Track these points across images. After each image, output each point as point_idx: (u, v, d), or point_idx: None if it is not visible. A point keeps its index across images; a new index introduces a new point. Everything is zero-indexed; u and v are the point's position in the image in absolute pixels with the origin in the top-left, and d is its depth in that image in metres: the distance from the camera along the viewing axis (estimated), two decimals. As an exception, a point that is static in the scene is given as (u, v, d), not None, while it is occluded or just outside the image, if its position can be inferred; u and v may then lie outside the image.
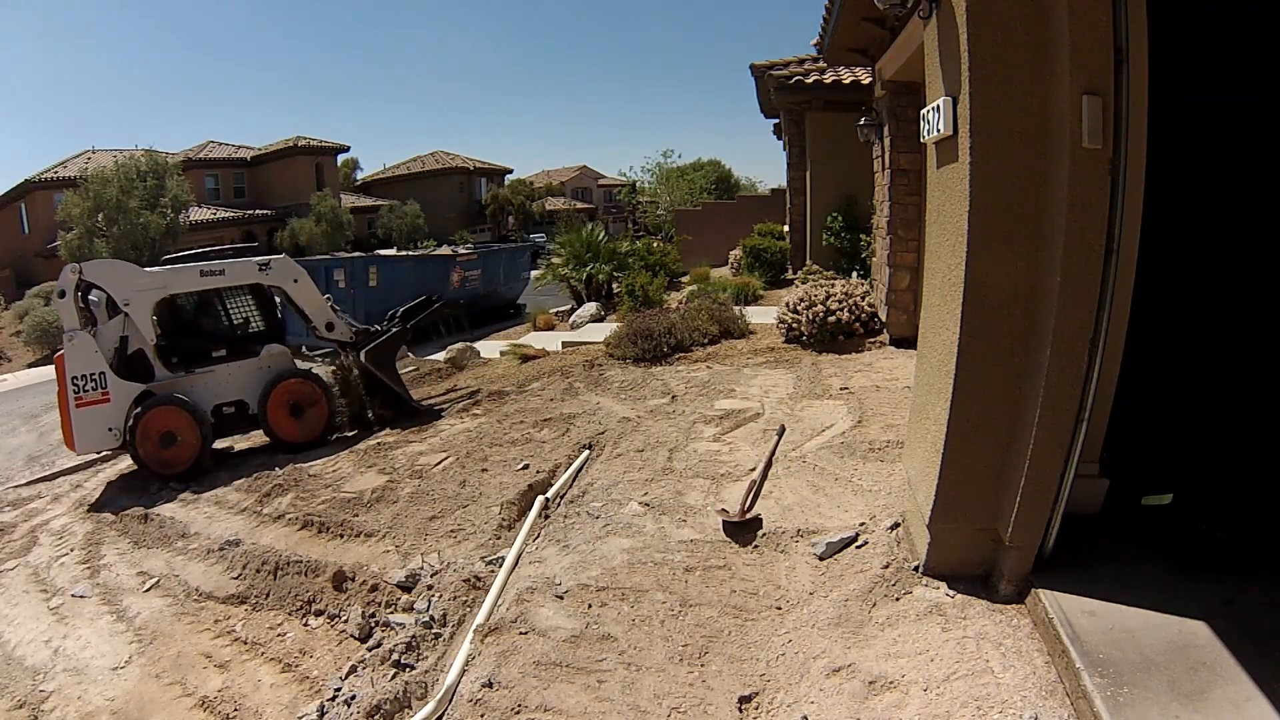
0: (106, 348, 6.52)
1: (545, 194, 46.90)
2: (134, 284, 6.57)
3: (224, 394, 6.97)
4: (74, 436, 6.43)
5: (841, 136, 9.76)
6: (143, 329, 6.59)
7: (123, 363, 6.58)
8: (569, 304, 14.25)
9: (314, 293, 7.39)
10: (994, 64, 2.62)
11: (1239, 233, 3.56)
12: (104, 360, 6.45)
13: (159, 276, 6.75)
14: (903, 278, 7.01)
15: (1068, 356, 2.67)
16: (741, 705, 2.82)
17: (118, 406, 6.44)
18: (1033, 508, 2.82)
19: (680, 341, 8.07)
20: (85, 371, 6.38)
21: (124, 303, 6.49)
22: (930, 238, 3.33)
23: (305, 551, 4.74)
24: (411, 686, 3.26)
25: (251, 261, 7.11)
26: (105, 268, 6.79)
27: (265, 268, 7.11)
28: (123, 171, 23.01)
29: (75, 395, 6.34)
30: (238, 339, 7.25)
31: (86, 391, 6.37)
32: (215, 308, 7.23)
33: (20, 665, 4.11)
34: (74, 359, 6.38)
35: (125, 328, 6.57)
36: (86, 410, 6.38)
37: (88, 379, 6.38)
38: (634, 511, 4.34)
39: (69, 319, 6.44)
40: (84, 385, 6.37)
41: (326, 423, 7.18)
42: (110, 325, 6.56)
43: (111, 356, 6.52)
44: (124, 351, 6.59)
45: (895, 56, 6.44)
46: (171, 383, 6.74)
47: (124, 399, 6.47)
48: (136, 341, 6.63)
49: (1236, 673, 2.31)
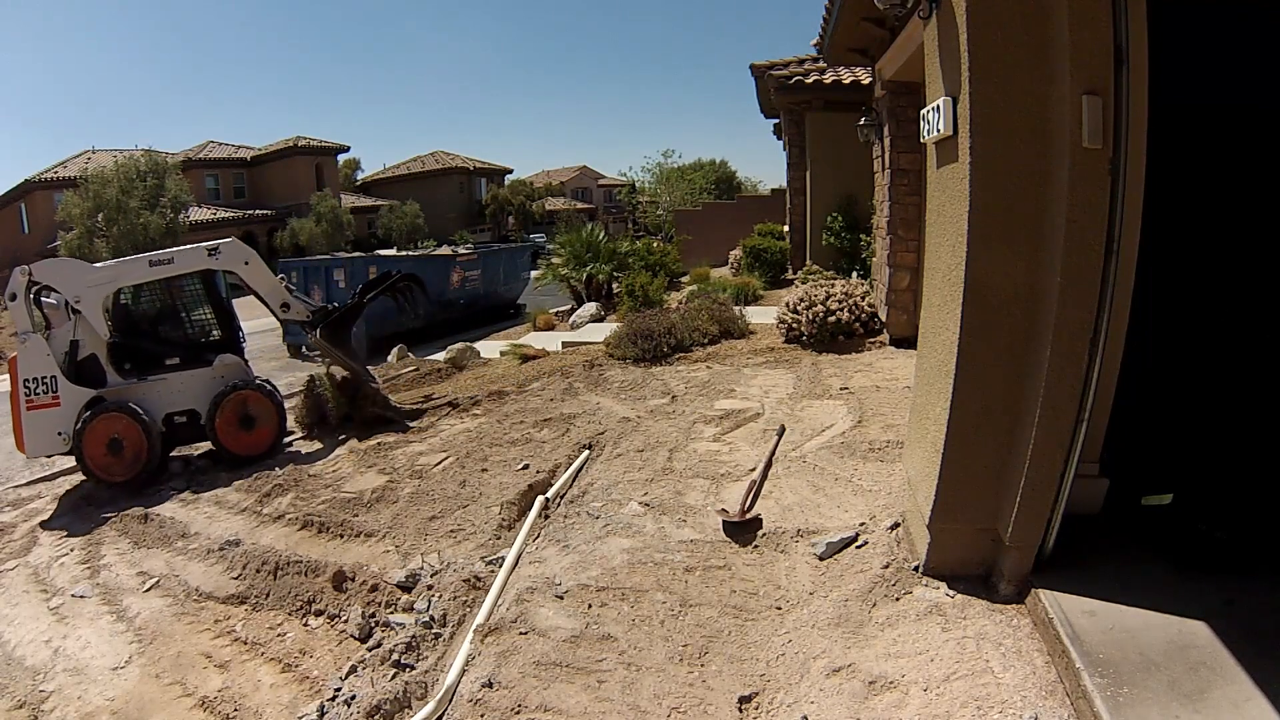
0: (59, 351, 6.40)
1: (545, 194, 46.93)
2: (84, 280, 6.44)
3: (176, 402, 6.83)
4: (24, 440, 6.34)
5: (841, 136, 9.76)
6: (96, 326, 6.46)
7: (73, 367, 6.45)
8: (569, 304, 14.25)
9: (266, 274, 7.17)
10: (994, 64, 2.62)
11: (1239, 233, 3.56)
12: (55, 364, 6.34)
13: (108, 271, 6.63)
14: (903, 278, 7.01)
15: (1068, 356, 2.67)
16: (741, 705, 2.82)
17: (68, 411, 6.32)
18: (1033, 508, 2.82)
19: (680, 341, 8.07)
20: (37, 375, 6.27)
21: (75, 300, 6.35)
22: (930, 238, 3.33)
23: (305, 551, 4.74)
24: (411, 686, 3.26)
25: (200, 247, 6.91)
26: (55, 267, 6.68)
27: (215, 253, 6.87)
28: (123, 171, 23.05)
29: (26, 398, 6.24)
30: (192, 347, 7.09)
31: (37, 395, 6.27)
32: (169, 314, 7.07)
33: (20, 665, 4.11)
34: (26, 362, 6.27)
35: (76, 331, 6.44)
36: (37, 414, 6.28)
37: (39, 382, 6.28)
38: (634, 511, 4.34)
39: (21, 321, 6.33)
40: (35, 388, 6.26)
41: (276, 436, 6.99)
42: (64, 329, 6.44)
43: (63, 360, 6.39)
44: (74, 356, 6.45)
45: (895, 56, 6.44)
46: (124, 389, 6.60)
47: (74, 403, 6.35)
48: (90, 346, 6.51)
49: (1236, 673, 2.31)
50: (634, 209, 36.97)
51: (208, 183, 32.20)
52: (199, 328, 7.26)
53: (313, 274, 13.95)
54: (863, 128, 8.04)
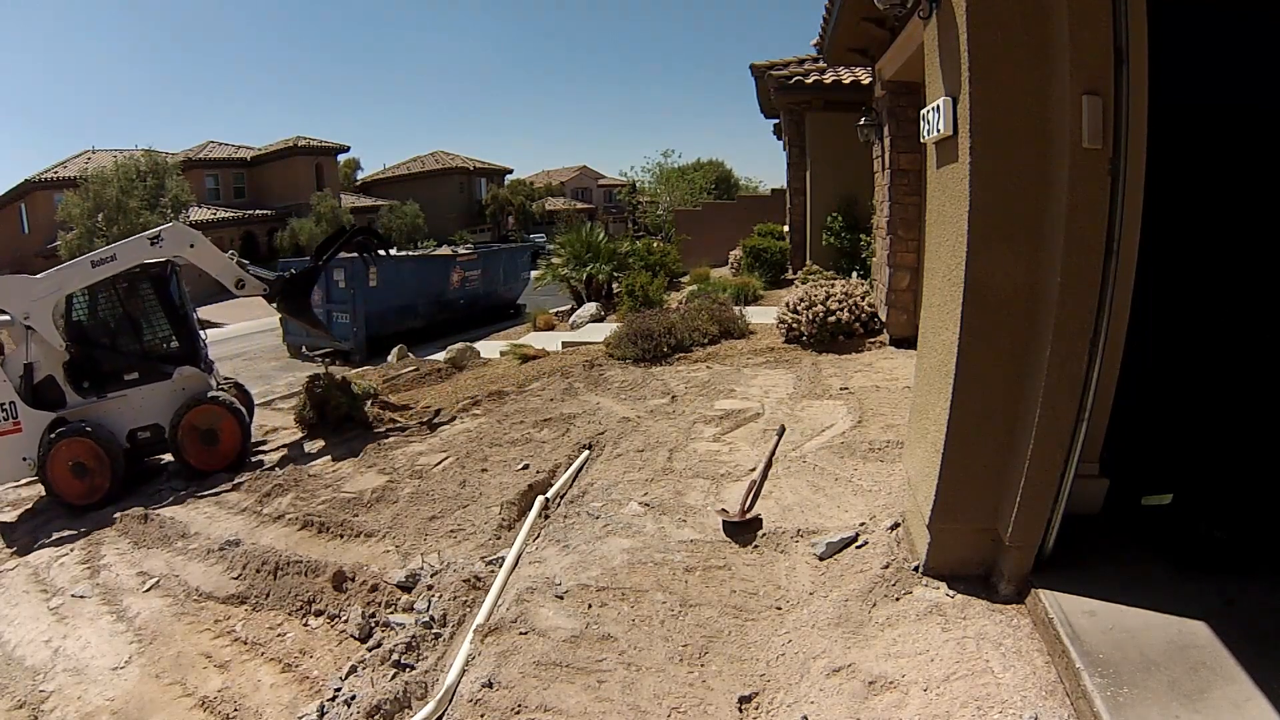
0: (14, 375, 6.31)
1: (545, 194, 46.90)
2: (30, 294, 6.27)
3: (139, 418, 6.74)
4: None
5: (841, 136, 9.76)
6: (50, 339, 6.32)
7: (30, 390, 6.36)
8: (569, 304, 14.26)
9: (214, 253, 6.96)
10: (994, 64, 2.62)
11: (1239, 233, 3.56)
12: (13, 389, 6.24)
13: (51, 280, 6.42)
14: (903, 278, 7.01)
15: (1067, 356, 2.67)
16: (741, 705, 2.82)
17: (30, 435, 6.25)
18: (1033, 508, 2.82)
19: (680, 341, 8.07)
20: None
21: (25, 317, 6.21)
22: (930, 238, 3.33)
23: (305, 551, 4.74)
24: (411, 686, 3.26)
25: (142, 237, 6.75)
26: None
27: (157, 240, 6.65)
28: (123, 171, 23.02)
29: None
30: (150, 360, 6.93)
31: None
32: (123, 326, 6.90)
33: (20, 665, 4.11)
34: None
35: (29, 352, 6.33)
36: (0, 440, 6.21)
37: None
38: (634, 511, 4.34)
39: None
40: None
41: (240, 448, 6.87)
42: (18, 352, 6.34)
43: (19, 384, 6.30)
44: (30, 379, 6.36)
45: (895, 56, 6.44)
46: (85, 408, 6.50)
47: (36, 428, 6.27)
48: (46, 367, 6.40)
49: (1237, 673, 2.31)
50: (634, 209, 36.96)
51: (208, 183, 32.15)
52: (156, 339, 7.06)
53: None
54: (863, 128, 8.04)
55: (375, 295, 13.34)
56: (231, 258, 7.08)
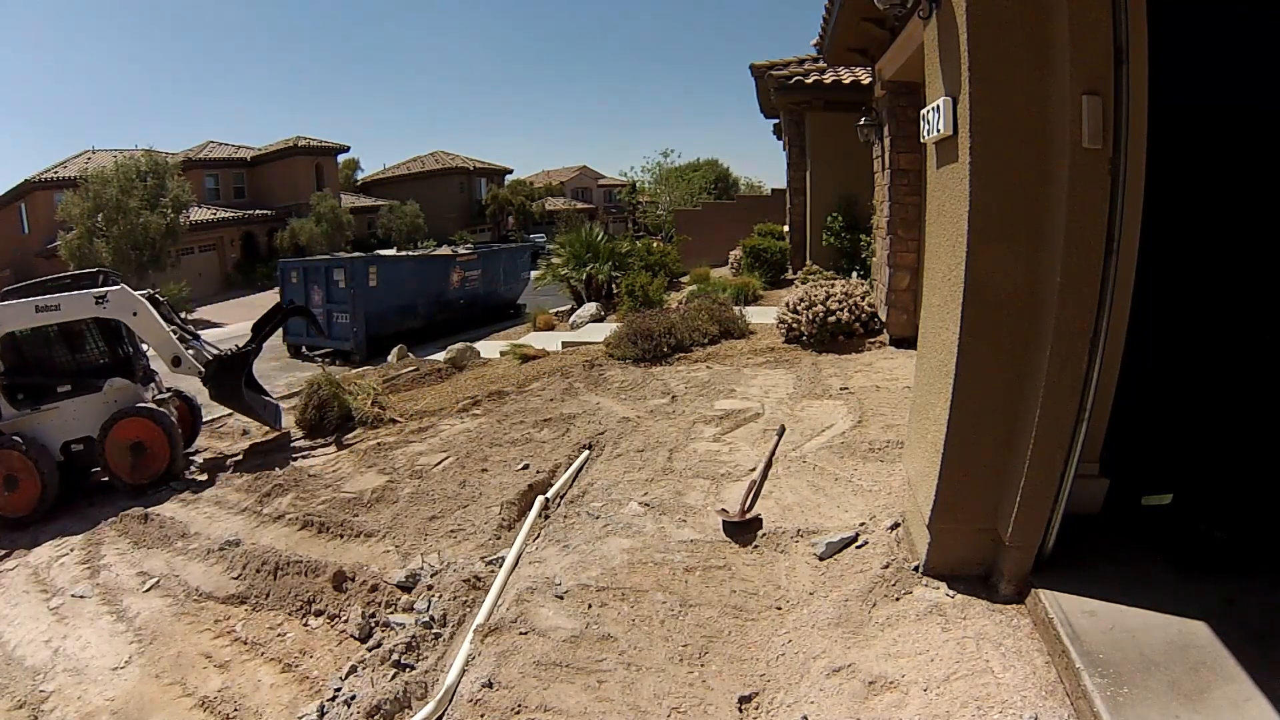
0: None
1: (545, 194, 46.90)
2: None
3: (72, 430, 6.67)
4: None
5: (841, 136, 9.76)
6: None
7: None
8: (569, 304, 14.25)
9: (156, 325, 6.91)
10: (994, 64, 2.62)
11: (1239, 233, 3.56)
12: None
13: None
14: (903, 278, 7.01)
15: (1067, 356, 2.67)
16: (741, 705, 2.82)
17: None
18: (1033, 508, 2.82)
19: (680, 341, 8.07)
20: None
21: None
22: (930, 238, 3.33)
23: (305, 551, 4.74)
24: (411, 686, 3.26)
25: (88, 295, 6.73)
26: None
27: (102, 300, 6.68)
28: (123, 171, 22.99)
29: None
30: (83, 372, 6.87)
31: None
32: (56, 340, 6.84)
33: (20, 665, 4.11)
34: None
35: None
36: None
37: None
38: (634, 511, 4.34)
39: None
40: None
41: (169, 463, 6.73)
42: None
43: None
44: None
45: (895, 56, 6.44)
46: (19, 421, 6.47)
47: None
48: None
49: (1237, 673, 2.31)
50: (634, 209, 37.00)
51: (208, 183, 32.15)
52: (89, 351, 6.99)
53: (312, 274, 13.92)
54: (863, 128, 8.04)
55: (375, 295, 13.35)
56: (174, 332, 7.06)
